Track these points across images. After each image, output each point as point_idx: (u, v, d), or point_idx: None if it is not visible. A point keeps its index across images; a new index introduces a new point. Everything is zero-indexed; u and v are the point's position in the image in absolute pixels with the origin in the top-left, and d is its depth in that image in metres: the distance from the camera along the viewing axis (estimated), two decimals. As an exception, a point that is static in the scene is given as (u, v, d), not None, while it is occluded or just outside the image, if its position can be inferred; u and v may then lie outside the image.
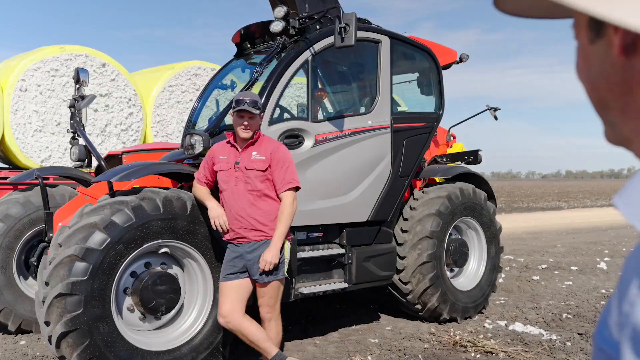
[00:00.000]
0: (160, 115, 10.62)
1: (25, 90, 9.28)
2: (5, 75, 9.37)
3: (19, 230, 5.96)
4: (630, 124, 0.69)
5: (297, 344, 5.71)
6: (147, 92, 10.61)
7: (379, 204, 5.86)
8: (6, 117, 9.10)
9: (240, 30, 6.01)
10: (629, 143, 0.72)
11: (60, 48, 9.68)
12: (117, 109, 10.09)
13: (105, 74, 10.00)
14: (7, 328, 5.98)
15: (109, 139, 10.05)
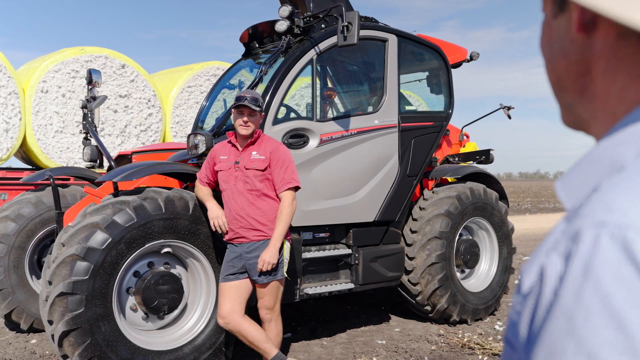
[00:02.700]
0: (179, 116, 10.69)
1: (46, 91, 9.42)
2: (27, 77, 9.53)
3: (31, 230, 6.03)
4: (589, 107, 0.67)
5: (304, 344, 5.69)
6: (166, 93, 10.70)
7: (387, 204, 5.81)
8: (27, 118, 9.25)
9: (248, 30, 6.01)
10: (587, 127, 0.70)
11: (80, 50, 9.80)
12: (137, 109, 10.19)
13: (124, 75, 10.10)
14: (20, 327, 6.06)
15: (128, 139, 10.15)
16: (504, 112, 7.69)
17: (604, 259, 0.51)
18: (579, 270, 0.52)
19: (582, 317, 0.51)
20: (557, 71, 0.69)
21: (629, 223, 0.51)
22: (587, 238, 0.53)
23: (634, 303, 0.49)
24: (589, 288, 0.51)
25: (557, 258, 0.55)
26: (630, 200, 0.53)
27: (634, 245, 0.50)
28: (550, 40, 0.69)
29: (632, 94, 0.62)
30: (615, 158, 0.59)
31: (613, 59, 0.62)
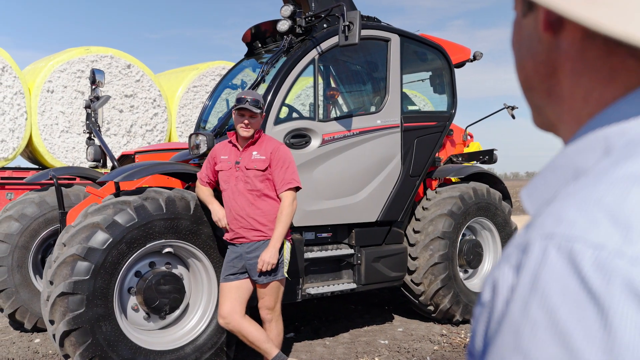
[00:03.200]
0: (185, 116, 10.71)
1: (52, 91, 9.45)
2: (33, 77, 9.56)
3: (35, 230, 6.05)
4: (556, 109, 0.66)
5: (307, 344, 5.68)
6: (171, 93, 10.72)
7: (389, 204, 5.79)
8: (33, 118, 9.28)
9: (250, 30, 6.00)
10: (555, 129, 0.69)
11: (85, 49, 9.83)
12: (142, 109, 10.21)
13: (130, 75, 10.12)
14: (24, 326, 6.08)
15: (134, 139, 10.17)
16: (507, 112, 7.66)
17: (551, 272, 0.50)
18: (527, 284, 0.51)
19: (528, 332, 0.50)
20: (525, 71, 0.68)
21: (576, 235, 0.50)
22: (536, 250, 0.52)
23: (579, 317, 0.47)
24: (535, 302, 0.50)
25: (508, 270, 0.54)
26: (579, 211, 0.52)
27: (580, 257, 0.49)
28: (519, 40, 0.68)
29: (597, 96, 0.61)
30: (577, 166, 0.58)
31: (579, 61, 0.61)
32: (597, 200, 0.51)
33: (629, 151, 0.54)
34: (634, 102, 0.57)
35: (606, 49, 0.58)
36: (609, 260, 0.47)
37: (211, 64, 10.98)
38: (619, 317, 0.46)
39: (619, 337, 0.46)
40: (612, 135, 0.57)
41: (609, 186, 0.52)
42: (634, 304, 0.46)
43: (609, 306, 0.46)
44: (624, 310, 0.46)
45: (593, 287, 0.47)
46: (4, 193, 8.69)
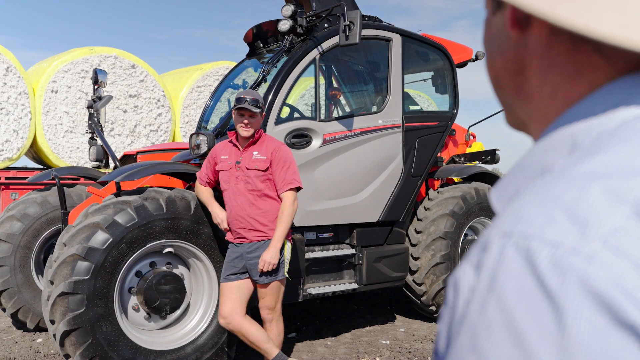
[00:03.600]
0: (189, 116, 10.72)
1: (56, 91, 9.48)
2: (37, 77, 9.59)
3: (37, 230, 6.07)
4: (525, 107, 0.65)
5: (308, 344, 5.68)
6: (175, 93, 10.74)
7: (391, 204, 5.78)
8: (38, 118, 9.31)
9: (252, 29, 6.00)
10: (526, 128, 0.68)
11: (90, 50, 9.85)
12: (146, 109, 10.23)
13: (134, 75, 10.14)
14: (26, 326, 6.10)
15: (138, 139, 10.19)
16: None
17: (508, 270, 0.49)
18: (485, 283, 0.50)
19: (484, 332, 0.49)
20: (495, 69, 0.67)
21: (533, 233, 0.49)
22: (494, 249, 0.51)
23: (534, 317, 0.46)
24: (492, 302, 0.49)
25: (469, 269, 0.53)
26: (538, 209, 0.51)
27: (536, 256, 0.48)
28: (489, 38, 0.68)
29: (564, 94, 0.60)
30: (544, 164, 0.57)
31: (545, 58, 0.60)
32: (556, 198, 0.51)
33: (593, 148, 0.54)
34: (600, 100, 0.57)
35: (571, 46, 0.58)
36: (565, 258, 0.47)
37: (215, 64, 11.00)
38: (573, 317, 0.45)
39: (573, 337, 0.45)
40: (578, 133, 0.56)
41: (568, 183, 0.51)
42: (588, 303, 0.45)
43: (564, 305, 0.46)
44: (578, 310, 0.45)
45: (548, 285, 0.47)
46: (8, 193, 8.72)
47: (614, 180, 0.50)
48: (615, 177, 0.50)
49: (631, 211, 0.48)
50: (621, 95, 0.56)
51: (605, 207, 0.48)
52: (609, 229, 0.47)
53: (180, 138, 10.61)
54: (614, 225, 0.47)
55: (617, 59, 0.57)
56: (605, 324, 0.45)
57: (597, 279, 0.46)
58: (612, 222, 0.47)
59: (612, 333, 0.44)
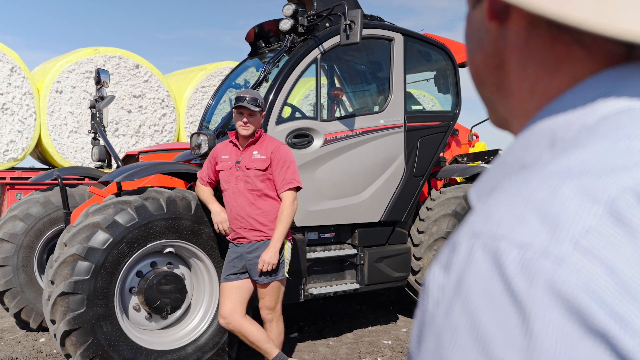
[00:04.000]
0: (193, 116, 10.73)
1: (61, 92, 9.50)
2: (42, 78, 9.62)
3: (40, 230, 6.08)
4: (507, 103, 0.63)
5: (310, 344, 5.67)
6: (180, 93, 10.75)
7: (392, 204, 5.76)
8: (42, 118, 9.33)
9: (254, 29, 5.99)
10: (508, 125, 0.66)
11: (94, 50, 9.87)
12: (151, 109, 10.24)
13: (138, 75, 10.15)
14: (29, 326, 6.11)
15: (142, 139, 10.20)
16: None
17: (475, 273, 0.46)
18: (452, 285, 0.48)
19: (448, 337, 0.47)
20: (475, 64, 0.66)
21: (502, 234, 0.47)
22: (462, 250, 0.49)
23: (500, 322, 0.44)
24: (458, 305, 0.47)
25: (438, 270, 0.51)
26: (508, 208, 0.48)
27: (504, 258, 0.45)
28: (470, 32, 0.66)
29: (543, 88, 0.58)
30: (523, 162, 0.55)
31: (525, 51, 0.58)
32: (527, 197, 0.48)
33: (571, 145, 0.51)
34: (580, 94, 0.54)
35: (550, 37, 0.56)
36: (534, 260, 0.44)
37: (219, 65, 11.00)
38: (540, 323, 0.43)
39: (539, 344, 0.42)
40: (558, 129, 0.54)
41: (541, 182, 0.49)
42: (557, 309, 0.43)
43: (530, 310, 0.43)
44: (545, 315, 0.43)
45: (515, 289, 0.44)
46: (13, 193, 8.75)
47: (588, 178, 0.47)
48: (590, 176, 0.47)
49: (605, 211, 0.45)
50: (602, 89, 0.54)
51: (577, 207, 0.46)
52: (581, 230, 0.44)
53: (185, 138, 10.61)
54: (586, 226, 0.45)
55: (598, 50, 0.55)
56: (574, 331, 0.42)
57: (567, 282, 0.43)
58: (584, 222, 0.45)
59: (581, 341, 0.42)
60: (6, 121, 8.98)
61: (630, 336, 0.42)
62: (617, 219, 0.44)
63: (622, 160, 0.48)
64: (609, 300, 0.42)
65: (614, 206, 0.45)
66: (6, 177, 8.76)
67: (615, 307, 0.42)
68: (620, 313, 0.42)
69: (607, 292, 0.42)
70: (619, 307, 0.42)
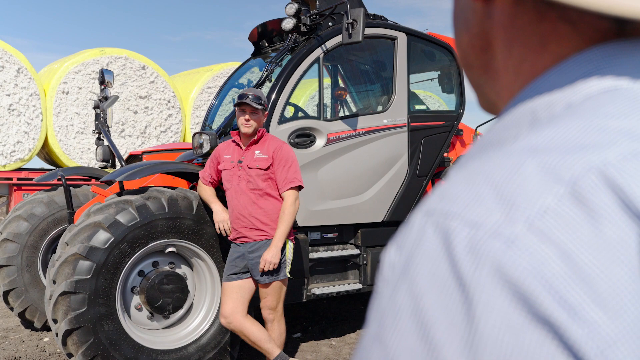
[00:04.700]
0: (199, 117, 10.74)
1: (67, 92, 9.53)
2: (48, 79, 9.66)
3: (44, 230, 6.09)
4: (494, 86, 0.61)
5: (313, 344, 5.65)
6: (186, 94, 10.76)
7: (396, 204, 5.73)
8: (49, 119, 9.37)
9: (257, 28, 5.99)
10: (496, 109, 0.63)
11: (100, 51, 9.90)
12: (157, 110, 10.26)
13: (144, 76, 10.17)
14: (34, 325, 6.13)
15: (148, 140, 10.22)
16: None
17: (423, 252, 0.44)
18: (401, 266, 0.45)
19: (390, 320, 0.44)
20: (462, 46, 0.63)
21: (455, 212, 0.44)
22: (415, 228, 0.46)
23: (444, 306, 0.41)
24: (403, 286, 0.44)
25: (392, 249, 0.48)
26: (465, 185, 0.46)
27: (453, 237, 0.42)
28: (456, 12, 0.63)
29: (528, 68, 0.55)
30: (498, 142, 0.51)
31: (510, 30, 0.56)
32: (487, 174, 0.45)
33: (547, 123, 0.48)
34: (565, 72, 0.51)
35: (536, 14, 0.53)
36: (483, 241, 0.41)
37: (225, 65, 11.01)
38: (483, 307, 0.40)
39: (481, 330, 0.40)
40: (539, 108, 0.50)
41: (503, 159, 0.46)
42: (501, 293, 0.40)
43: (474, 294, 0.40)
44: (489, 300, 0.40)
45: (461, 271, 0.41)
46: (20, 194, 8.78)
47: (553, 156, 0.44)
48: (555, 153, 0.44)
49: (566, 191, 0.42)
50: (588, 67, 0.51)
51: (537, 186, 0.43)
52: (537, 211, 0.42)
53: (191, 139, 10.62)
54: (543, 206, 0.42)
55: (585, 27, 0.52)
56: (519, 318, 0.39)
57: (515, 266, 0.40)
58: (541, 202, 0.42)
59: (526, 329, 0.39)
60: (13, 122, 9.01)
61: (579, 325, 0.39)
62: (578, 200, 0.42)
63: (593, 139, 0.45)
64: (559, 286, 0.40)
65: (576, 186, 0.42)
66: (13, 178, 8.80)
67: (565, 293, 0.39)
68: (570, 300, 0.39)
69: (558, 277, 0.40)
70: (569, 293, 0.39)
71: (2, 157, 8.94)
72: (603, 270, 0.40)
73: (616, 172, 0.42)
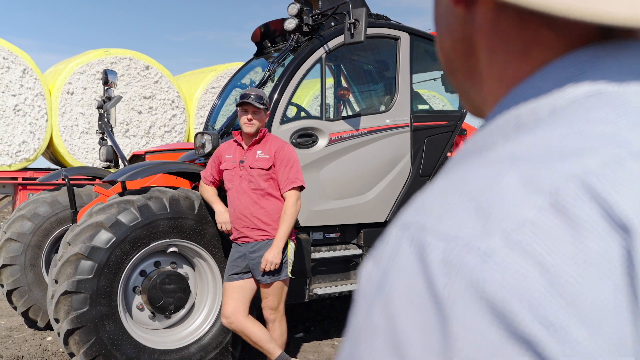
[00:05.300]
0: (203, 117, 10.74)
1: (72, 93, 9.56)
2: (53, 79, 9.69)
3: (47, 229, 6.11)
4: (480, 91, 0.59)
5: (315, 344, 5.65)
6: (190, 94, 10.77)
7: (398, 204, 5.71)
8: (54, 119, 9.40)
9: (259, 28, 5.98)
10: (483, 114, 0.62)
11: (105, 51, 9.92)
12: (161, 110, 10.27)
13: (149, 77, 10.18)
14: (37, 324, 6.15)
15: (153, 140, 10.23)
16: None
17: (399, 269, 0.42)
18: (377, 281, 0.44)
19: (366, 340, 0.42)
20: (445, 50, 0.62)
21: (429, 226, 0.42)
22: (391, 242, 0.44)
23: (420, 325, 0.40)
24: (379, 304, 0.42)
25: (370, 264, 0.46)
26: (443, 196, 0.44)
27: (429, 252, 0.41)
28: (438, 17, 0.62)
29: (512, 73, 0.54)
30: (479, 149, 0.50)
31: (493, 35, 0.55)
32: (466, 184, 0.44)
33: (529, 129, 0.47)
34: (549, 76, 0.50)
35: (519, 20, 0.52)
36: (459, 255, 0.40)
37: (229, 65, 11.01)
38: (459, 326, 0.39)
39: (458, 350, 0.38)
40: (523, 113, 0.49)
41: (482, 168, 0.44)
42: (478, 311, 0.38)
43: (449, 312, 0.39)
44: (465, 318, 0.39)
45: (436, 288, 0.40)
46: (25, 193, 8.81)
47: (533, 165, 0.42)
48: (536, 162, 0.43)
49: (546, 202, 0.40)
50: (573, 70, 0.50)
51: (516, 197, 0.41)
52: (515, 223, 0.40)
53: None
54: (522, 219, 0.40)
55: (569, 32, 0.51)
56: (496, 336, 0.38)
57: (491, 281, 0.39)
58: (520, 214, 0.40)
59: (504, 347, 0.38)
60: (18, 122, 9.05)
61: (558, 342, 0.38)
62: (558, 211, 0.40)
63: (575, 145, 0.43)
64: (537, 302, 0.38)
65: (556, 196, 0.40)
66: (18, 178, 8.84)
67: (544, 309, 0.38)
68: (549, 317, 0.38)
69: (536, 292, 0.38)
70: (547, 309, 0.38)
71: (7, 156, 8.97)
72: (585, 285, 0.39)
73: (597, 180, 0.41)
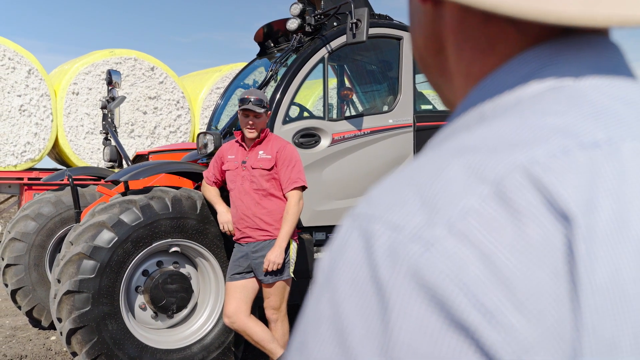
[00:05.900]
0: (208, 117, 10.75)
1: (77, 93, 9.60)
2: (59, 80, 9.73)
3: (51, 229, 6.13)
4: (451, 87, 0.60)
5: (318, 345, 5.64)
6: (195, 95, 10.80)
7: (401, 204, 5.71)
8: (59, 120, 9.44)
9: (262, 29, 5.99)
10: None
11: (110, 52, 9.96)
12: (166, 111, 10.30)
13: (154, 77, 10.22)
14: (41, 324, 6.17)
15: (158, 140, 10.26)
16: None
17: (346, 258, 0.43)
18: (326, 271, 0.44)
19: (313, 328, 0.43)
20: (419, 48, 0.63)
21: (378, 215, 0.43)
22: (341, 232, 0.45)
23: (362, 313, 0.40)
24: (326, 293, 0.43)
25: (326, 254, 0.47)
26: (392, 189, 0.45)
27: (374, 241, 0.41)
28: (411, 14, 0.63)
29: (478, 69, 0.55)
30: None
31: (459, 32, 0.55)
32: (414, 176, 0.44)
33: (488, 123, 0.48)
34: (511, 71, 0.51)
35: (483, 17, 0.53)
36: (403, 244, 0.40)
37: (234, 66, 11.04)
38: (399, 313, 0.39)
39: (395, 337, 0.39)
40: (486, 108, 0.50)
41: (430, 160, 0.45)
42: (419, 298, 0.39)
43: (389, 300, 0.40)
44: (405, 305, 0.39)
45: (379, 276, 0.40)
46: (31, 193, 8.85)
47: (479, 155, 0.43)
48: (482, 152, 0.43)
49: (490, 191, 0.41)
50: (533, 65, 0.50)
51: (460, 187, 0.42)
52: (459, 212, 0.41)
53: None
54: (465, 208, 0.41)
55: (530, 27, 0.51)
56: (435, 324, 0.39)
57: (432, 270, 0.39)
58: (463, 204, 0.41)
59: (444, 335, 0.38)
60: (24, 122, 9.09)
61: (497, 330, 0.38)
62: (502, 200, 0.41)
63: (525, 136, 0.44)
64: (477, 290, 0.39)
65: (500, 186, 0.41)
66: (24, 178, 8.88)
67: (483, 297, 0.38)
68: (488, 304, 0.38)
69: (476, 280, 0.39)
70: (487, 297, 0.38)
71: (13, 157, 9.01)
72: (524, 273, 0.39)
73: (541, 170, 0.41)
